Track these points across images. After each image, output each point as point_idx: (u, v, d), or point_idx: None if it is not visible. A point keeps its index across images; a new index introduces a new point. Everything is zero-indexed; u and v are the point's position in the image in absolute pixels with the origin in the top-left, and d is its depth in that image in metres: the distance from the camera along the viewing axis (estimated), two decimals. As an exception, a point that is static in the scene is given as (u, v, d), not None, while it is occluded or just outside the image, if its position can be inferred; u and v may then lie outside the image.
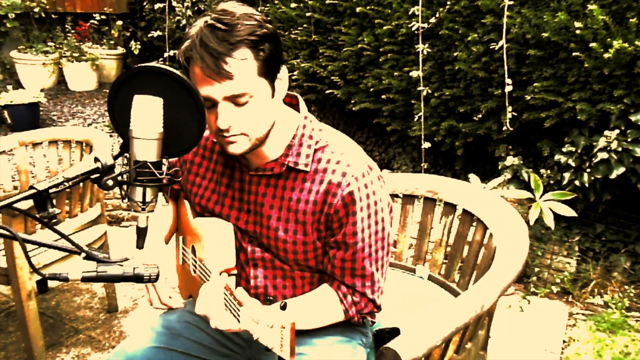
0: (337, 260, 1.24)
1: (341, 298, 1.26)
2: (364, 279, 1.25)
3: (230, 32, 1.08)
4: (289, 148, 1.23)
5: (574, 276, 2.90)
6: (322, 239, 1.24)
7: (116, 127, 1.06)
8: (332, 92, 3.98)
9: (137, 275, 1.04)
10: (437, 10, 3.25)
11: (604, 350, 2.38)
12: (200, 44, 1.08)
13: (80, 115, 5.11)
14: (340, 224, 1.20)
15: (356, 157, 1.22)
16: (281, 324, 0.96)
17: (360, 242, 1.21)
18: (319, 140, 1.23)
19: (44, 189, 0.93)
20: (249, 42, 1.09)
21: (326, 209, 1.19)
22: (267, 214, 1.25)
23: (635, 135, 2.69)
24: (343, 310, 1.26)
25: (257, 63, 1.11)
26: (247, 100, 1.12)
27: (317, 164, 1.21)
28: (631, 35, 2.58)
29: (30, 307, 2.10)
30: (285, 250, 1.24)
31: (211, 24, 1.09)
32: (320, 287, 1.29)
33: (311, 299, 1.27)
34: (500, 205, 1.65)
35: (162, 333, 1.34)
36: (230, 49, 1.07)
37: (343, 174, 1.18)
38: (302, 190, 1.21)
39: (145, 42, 5.62)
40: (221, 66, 1.07)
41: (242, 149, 1.17)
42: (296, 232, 1.22)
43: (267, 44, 1.11)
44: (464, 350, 1.39)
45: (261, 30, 1.11)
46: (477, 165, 3.66)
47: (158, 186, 1.02)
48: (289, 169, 1.23)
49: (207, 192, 1.34)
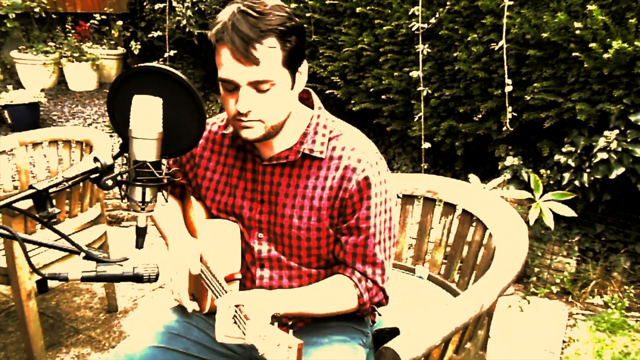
0: (349, 246, 1.25)
1: (356, 283, 1.26)
2: (375, 267, 1.26)
3: (262, 20, 1.11)
4: (304, 136, 1.26)
5: (573, 276, 2.90)
6: (335, 226, 1.26)
7: (116, 127, 1.06)
8: (332, 93, 3.98)
9: (137, 275, 1.04)
10: (437, 11, 3.25)
11: (603, 351, 2.38)
12: (232, 27, 1.11)
13: (81, 115, 5.11)
14: (354, 210, 1.23)
15: (369, 146, 1.27)
16: (288, 344, 0.96)
17: (373, 227, 1.24)
18: (332, 129, 1.28)
19: (43, 189, 0.93)
20: (278, 32, 1.12)
21: (341, 194, 1.22)
22: (282, 202, 1.26)
23: (634, 136, 2.69)
24: (357, 294, 1.26)
25: (283, 53, 1.14)
26: (269, 88, 1.15)
27: (332, 151, 1.25)
28: (631, 36, 2.58)
29: (30, 307, 2.10)
30: (298, 237, 1.26)
31: (244, 10, 1.12)
32: (333, 276, 1.30)
33: (325, 284, 1.28)
34: (500, 205, 1.65)
35: (161, 333, 1.34)
36: (261, 35, 1.11)
37: (358, 160, 1.22)
38: (318, 178, 1.24)
39: (146, 42, 5.62)
40: (250, 51, 1.10)
41: (256, 134, 1.20)
42: (310, 218, 1.24)
43: (295, 37, 1.15)
44: (464, 350, 1.39)
45: (290, 23, 1.15)
46: (477, 165, 3.66)
47: (157, 186, 1.02)
48: (303, 156, 1.25)
49: (219, 185, 1.35)
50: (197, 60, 5.40)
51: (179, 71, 1.04)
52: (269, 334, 1.00)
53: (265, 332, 1.01)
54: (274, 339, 0.98)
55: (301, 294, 1.25)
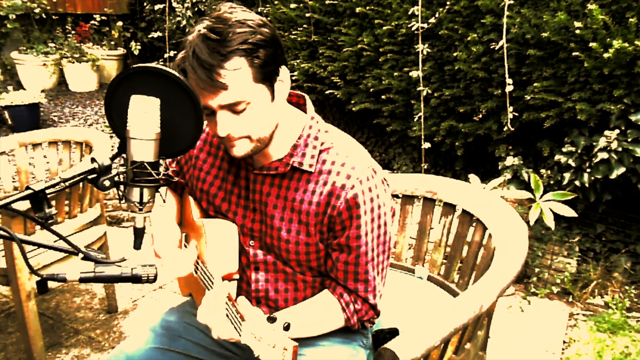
0: (340, 264, 1.23)
1: (343, 307, 1.25)
2: (367, 284, 1.25)
3: (222, 42, 1.06)
4: (295, 148, 1.22)
5: (574, 276, 2.90)
6: (325, 241, 1.23)
7: (113, 127, 1.06)
8: (332, 93, 3.98)
9: (135, 275, 1.04)
10: (437, 11, 3.25)
11: (604, 351, 2.37)
12: (192, 55, 1.07)
13: (81, 116, 5.11)
14: (344, 227, 1.20)
15: (361, 160, 1.22)
16: (284, 345, 0.96)
17: (364, 245, 1.21)
18: (324, 141, 1.23)
19: (40, 190, 0.93)
20: (241, 51, 1.07)
21: (329, 211, 1.19)
22: (270, 213, 1.24)
23: (635, 135, 2.68)
24: (345, 318, 1.26)
25: (252, 70, 1.09)
26: (245, 108, 1.11)
27: (321, 165, 1.21)
28: (631, 35, 2.58)
29: (29, 308, 2.10)
30: (287, 250, 1.24)
31: (204, 34, 1.07)
32: (322, 293, 1.28)
33: (312, 309, 1.26)
34: (500, 206, 1.65)
35: (161, 334, 1.34)
36: (222, 60, 1.06)
37: (347, 176, 1.18)
38: (306, 191, 1.21)
39: (146, 42, 5.63)
40: (214, 78, 1.06)
41: (244, 151, 1.17)
42: (299, 232, 1.22)
43: (262, 50, 1.09)
44: (463, 350, 1.39)
45: (254, 37, 1.08)
46: (477, 165, 3.65)
47: (155, 186, 1.02)
48: (293, 169, 1.22)
49: (212, 188, 1.33)
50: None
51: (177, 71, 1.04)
52: (264, 335, 0.99)
53: (260, 333, 1.00)
54: (269, 341, 0.98)
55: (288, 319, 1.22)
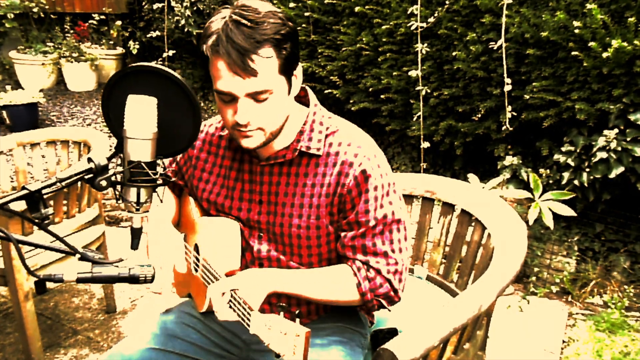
0: (347, 239, 1.23)
1: (355, 271, 1.23)
2: (377, 256, 1.23)
3: (257, 29, 1.09)
4: (301, 134, 1.25)
5: (573, 276, 2.90)
6: (335, 223, 1.25)
7: (110, 127, 1.06)
8: (331, 92, 3.98)
9: (132, 276, 1.03)
10: (436, 10, 3.25)
11: (603, 350, 2.37)
12: (226, 39, 1.09)
13: (80, 115, 5.11)
14: (353, 204, 1.21)
15: (366, 141, 1.26)
16: (296, 332, 0.95)
17: (373, 220, 1.22)
18: (329, 126, 1.27)
19: (36, 190, 0.92)
20: (274, 40, 1.11)
21: (339, 190, 1.21)
22: (281, 202, 1.26)
23: (634, 135, 2.68)
24: (356, 283, 1.22)
25: (279, 61, 1.13)
26: (267, 97, 1.14)
27: (328, 148, 1.24)
28: (630, 35, 2.57)
29: (28, 308, 2.10)
30: (298, 236, 1.25)
31: (237, 20, 1.10)
32: (335, 265, 1.28)
33: (324, 270, 1.26)
34: (499, 205, 1.64)
35: (158, 334, 1.34)
36: (257, 46, 1.09)
37: (355, 154, 1.21)
38: (316, 175, 1.23)
39: (144, 42, 5.62)
40: (247, 63, 1.09)
41: (256, 143, 1.19)
42: (310, 216, 1.23)
43: (290, 43, 1.14)
44: (462, 350, 1.38)
45: (285, 29, 1.13)
46: (476, 165, 3.65)
47: (152, 186, 1.02)
48: (301, 154, 1.24)
49: (215, 187, 1.34)
50: (196, 60, 5.39)
51: (176, 71, 1.03)
52: (274, 323, 0.99)
53: (270, 322, 1.00)
54: (280, 328, 0.98)
55: (298, 274, 1.24)
